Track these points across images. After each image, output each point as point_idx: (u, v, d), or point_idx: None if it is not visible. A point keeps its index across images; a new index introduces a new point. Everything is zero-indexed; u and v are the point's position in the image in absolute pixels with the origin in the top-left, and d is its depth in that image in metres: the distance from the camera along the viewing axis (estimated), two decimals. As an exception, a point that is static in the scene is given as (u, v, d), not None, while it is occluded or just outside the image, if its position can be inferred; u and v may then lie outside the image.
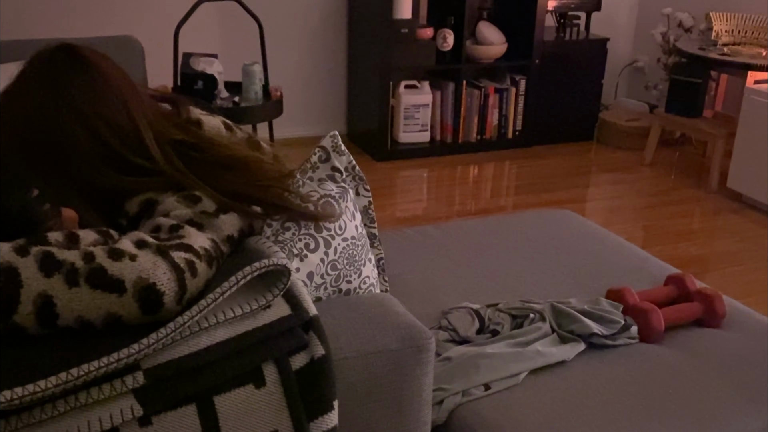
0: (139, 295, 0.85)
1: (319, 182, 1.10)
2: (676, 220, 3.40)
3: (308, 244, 1.04)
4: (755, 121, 3.40)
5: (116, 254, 0.87)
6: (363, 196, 1.16)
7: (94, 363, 0.81)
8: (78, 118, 1.01)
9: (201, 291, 0.92)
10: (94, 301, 0.84)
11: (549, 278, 1.75)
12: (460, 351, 1.42)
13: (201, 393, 0.87)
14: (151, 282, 0.85)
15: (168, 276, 0.87)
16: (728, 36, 3.88)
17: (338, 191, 1.09)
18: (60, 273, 0.84)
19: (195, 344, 0.87)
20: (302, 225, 1.04)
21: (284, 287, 0.93)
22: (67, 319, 0.84)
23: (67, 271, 0.84)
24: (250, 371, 0.89)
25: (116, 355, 0.82)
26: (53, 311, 0.84)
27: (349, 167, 1.12)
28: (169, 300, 0.86)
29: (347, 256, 1.08)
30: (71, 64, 1.04)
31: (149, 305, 0.85)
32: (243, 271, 0.91)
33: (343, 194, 1.10)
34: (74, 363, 0.81)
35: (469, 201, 3.59)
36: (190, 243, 0.93)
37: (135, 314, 0.86)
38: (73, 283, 0.84)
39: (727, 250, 3.10)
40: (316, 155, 1.09)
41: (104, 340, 0.86)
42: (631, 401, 1.34)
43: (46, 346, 0.86)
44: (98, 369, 0.81)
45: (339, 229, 1.07)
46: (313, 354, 0.92)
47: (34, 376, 0.80)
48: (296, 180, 1.05)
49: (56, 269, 0.84)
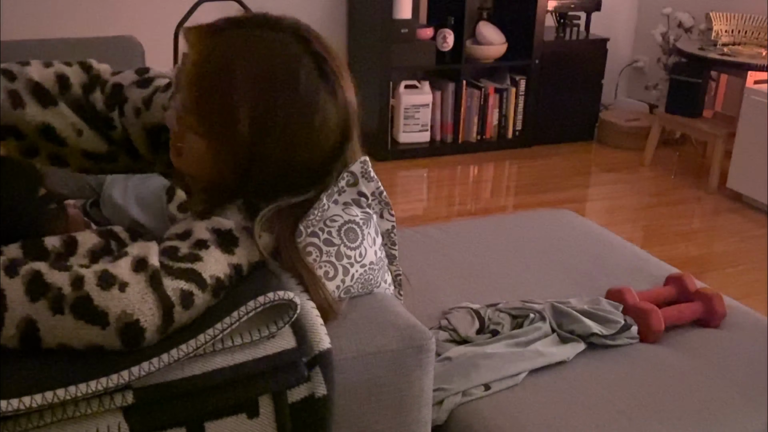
0: (121, 330, 0.84)
1: (345, 206, 1.10)
2: (676, 220, 3.40)
3: (327, 272, 1.04)
4: (755, 121, 3.39)
5: (106, 281, 0.85)
6: (387, 219, 1.17)
7: (81, 386, 0.80)
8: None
9: (204, 313, 0.91)
10: (77, 331, 0.83)
11: (549, 278, 1.75)
12: (460, 351, 1.42)
13: (192, 418, 0.85)
14: (135, 318, 0.84)
15: (153, 312, 0.85)
16: (728, 36, 3.88)
17: (363, 217, 1.09)
18: (46, 298, 0.83)
19: (190, 369, 0.86)
20: (324, 252, 1.04)
21: (289, 320, 0.91)
22: (49, 343, 0.84)
23: (53, 297, 0.83)
24: (245, 401, 0.88)
25: (105, 381, 0.81)
26: (37, 335, 0.83)
27: (376, 192, 1.13)
28: (150, 334, 0.85)
29: (363, 281, 1.08)
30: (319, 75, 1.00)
31: (130, 339, 0.84)
32: (246, 306, 0.88)
33: (367, 221, 1.10)
34: (63, 383, 0.80)
35: (469, 201, 3.59)
36: (201, 271, 0.91)
37: (116, 346, 0.85)
38: (57, 311, 0.83)
39: (727, 250, 3.10)
40: (345, 180, 1.09)
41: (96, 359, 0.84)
42: (631, 401, 1.34)
43: (36, 362, 0.84)
44: (86, 394, 0.80)
45: (359, 257, 1.07)
46: (314, 391, 0.90)
47: (23, 391, 0.79)
48: (321, 203, 1.05)
49: (42, 294, 0.83)
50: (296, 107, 0.97)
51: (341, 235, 1.06)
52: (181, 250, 0.94)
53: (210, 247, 0.94)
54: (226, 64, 0.97)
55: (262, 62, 0.97)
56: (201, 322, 0.89)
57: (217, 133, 0.98)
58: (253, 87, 0.96)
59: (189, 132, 1.01)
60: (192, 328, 0.88)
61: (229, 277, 0.94)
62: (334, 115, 1.01)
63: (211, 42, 0.99)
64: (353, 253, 1.06)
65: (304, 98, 0.98)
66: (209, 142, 0.99)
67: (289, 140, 0.98)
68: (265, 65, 0.97)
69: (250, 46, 0.98)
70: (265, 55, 0.98)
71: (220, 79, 0.96)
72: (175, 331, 0.88)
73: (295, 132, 0.98)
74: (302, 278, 0.99)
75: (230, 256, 0.96)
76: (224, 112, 0.96)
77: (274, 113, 0.96)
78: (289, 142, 0.98)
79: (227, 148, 0.98)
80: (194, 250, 0.94)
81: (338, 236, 1.06)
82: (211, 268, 0.92)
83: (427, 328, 1.04)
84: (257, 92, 0.96)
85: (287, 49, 0.99)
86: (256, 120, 0.96)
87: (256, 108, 0.96)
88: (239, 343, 0.89)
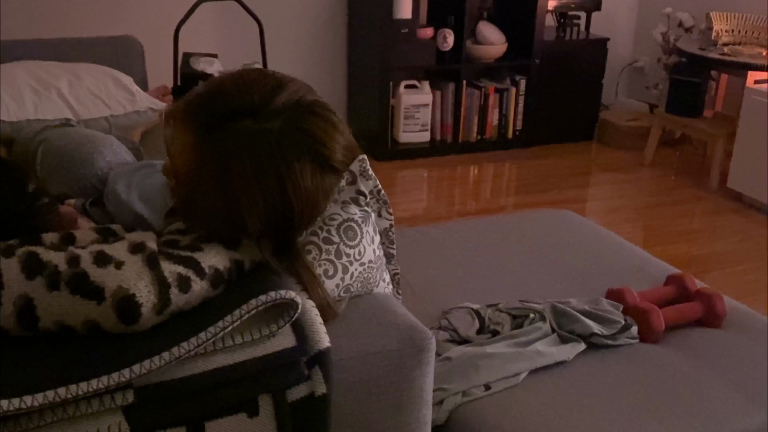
0: (117, 305, 0.83)
1: (343, 204, 1.10)
2: (676, 220, 3.40)
3: (327, 270, 1.04)
4: (755, 121, 3.39)
5: (102, 260, 0.85)
6: (385, 218, 1.17)
7: (83, 385, 0.80)
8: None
9: (204, 309, 0.90)
10: (74, 307, 0.83)
11: (549, 278, 1.75)
12: (461, 351, 1.42)
13: (192, 417, 0.85)
14: (131, 293, 0.84)
15: (149, 290, 0.85)
16: (728, 36, 3.88)
17: (361, 215, 1.10)
18: (42, 276, 0.83)
19: (190, 368, 0.86)
20: (323, 250, 1.04)
21: (290, 320, 0.91)
22: (47, 322, 0.84)
23: (50, 274, 0.84)
24: (245, 400, 0.87)
25: (106, 379, 0.81)
26: (34, 314, 0.83)
27: (375, 191, 1.13)
28: (147, 311, 0.85)
29: (362, 279, 1.08)
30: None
31: (127, 315, 0.84)
32: (248, 305, 0.88)
33: (365, 219, 1.10)
34: (63, 381, 0.80)
35: (469, 201, 3.59)
36: (200, 260, 0.91)
37: (113, 323, 0.84)
38: (53, 287, 0.83)
39: (727, 250, 3.10)
40: (343, 178, 1.09)
41: (97, 356, 0.84)
42: (631, 401, 1.34)
43: (37, 357, 0.84)
44: (87, 392, 0.80)
45: (358, 255, 1.07)
46: (314, 390, 0.90)
47: (23, 390, 0.79)
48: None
49: (39, 272, 0.84)
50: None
51: (340, 233, 1.06)
52: (181, 242, 0.94)
53: (212, 242, 0.95)
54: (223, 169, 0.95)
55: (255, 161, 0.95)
56: (202, 318, 0.89)
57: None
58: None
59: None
60: (193, 324, 0.88)
61: (228, 271, 0.94)
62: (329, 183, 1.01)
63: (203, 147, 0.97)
64: (352, 252, 1.06)
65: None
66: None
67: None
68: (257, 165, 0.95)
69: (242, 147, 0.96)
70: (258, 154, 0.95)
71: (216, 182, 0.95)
72: (173, 317, 0.88)
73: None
74: (301, 278, 0.99)
75: (232, 251, 0.96)
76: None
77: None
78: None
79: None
80: (195, 243, 0.94)
81: (337, 234, 1.06)
82: (210, 259, 0.92)
83: (427, 328, 1.04)
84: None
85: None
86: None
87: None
88: (239, 342, 0.89)
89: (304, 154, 0.96)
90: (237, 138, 0.94)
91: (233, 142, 0.94)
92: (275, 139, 0.95)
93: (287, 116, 0.97)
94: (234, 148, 0.94)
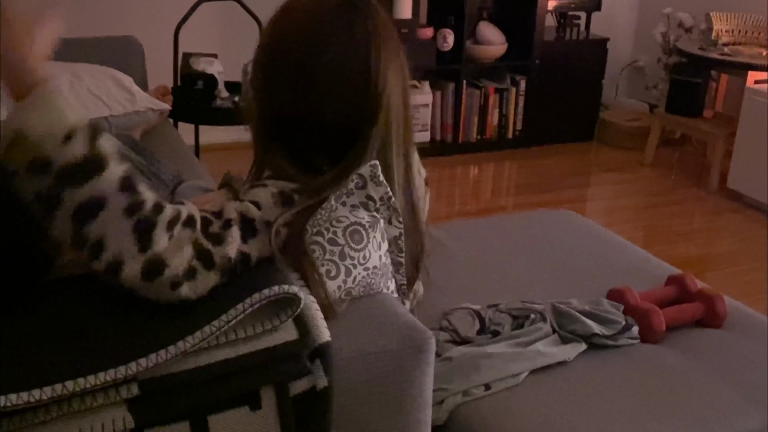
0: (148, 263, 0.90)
1: (352, 208, 1.10)
2: (676, 220, 3.40)
3: (329, 270, 1.04)
4: (755, 121, 3.39)
5: (170, 223, 0.94)
6: (395, 226, 1.16)
7: (90, 378, 0.81)
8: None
9: (208, 302, 0.92)
10: (120, 235, 0.89)
11: (550, 278, 1.75)
12: (461, 351, 1.42)
13: (195, 411, 0.86)
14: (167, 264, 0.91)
15: (179, 261, 0.92)
16: (728, 36, 3.88)
17: (369, 220, 1.09)
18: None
19: (194, 361, 0.87)
20: (327, 251, 1.05)
21: (292, 314, 0.92)
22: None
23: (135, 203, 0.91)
24: (247, 393, 0.89)
25: (113, 372, 0.81)
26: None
27: (385, 197, 1.12)
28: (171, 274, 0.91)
29: (365, 284, 1.08)
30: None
31: (151, 273, 0.90)
32: (251, 299, 0.90)
33: (373, 224, 1.10)
34: (70, 374, 0.80)
35: (470, 201, 3.58)
36: (213, 251, 0.96)
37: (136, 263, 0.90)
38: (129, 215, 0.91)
39: (728, 250, 3.10)
40: (353, 182, 1.09)
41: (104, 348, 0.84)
42: (632, 401, 1.33)
43: (44, 350, 0.85)
44: (94, 385, 0.81)
45: (363, 259, 1.07)
46: (316, 383, 0.91)
47: (30, 383, 0.79)
48: (329, 203, 1.06)
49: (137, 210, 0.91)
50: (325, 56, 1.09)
51: (346, 235, 1.06)
52: (212, 227, 0.99)
53: (233, 227, 0.99)
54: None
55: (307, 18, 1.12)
56: (206, 312, 0.90)
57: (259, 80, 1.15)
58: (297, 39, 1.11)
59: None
60: (198, 316, 0.89)
61: (239, 261, 0.98)
62: (355, 66, 1.10)
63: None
64: (357, 255, 1.06)
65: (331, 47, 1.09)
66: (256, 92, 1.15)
67: (308, 82, 1.10)
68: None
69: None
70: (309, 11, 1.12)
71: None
72: (181, 308, 0.91)
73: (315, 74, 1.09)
74: (304, 274, 1.01)
75: (243, 244, 1.00)
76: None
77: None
78: (308, 84, 1.10)
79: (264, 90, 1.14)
80: (221, 231, 0.99)
81: (343, 237, 1.06)
82: (225, 249, 0.97)
83: (428, 329, 1.04)
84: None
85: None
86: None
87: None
88: (242, 336, 0.89)
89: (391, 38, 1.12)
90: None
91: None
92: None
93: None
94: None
